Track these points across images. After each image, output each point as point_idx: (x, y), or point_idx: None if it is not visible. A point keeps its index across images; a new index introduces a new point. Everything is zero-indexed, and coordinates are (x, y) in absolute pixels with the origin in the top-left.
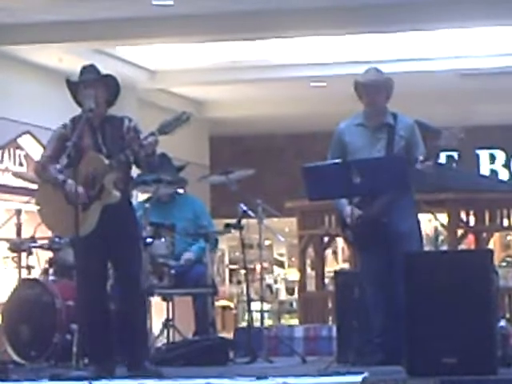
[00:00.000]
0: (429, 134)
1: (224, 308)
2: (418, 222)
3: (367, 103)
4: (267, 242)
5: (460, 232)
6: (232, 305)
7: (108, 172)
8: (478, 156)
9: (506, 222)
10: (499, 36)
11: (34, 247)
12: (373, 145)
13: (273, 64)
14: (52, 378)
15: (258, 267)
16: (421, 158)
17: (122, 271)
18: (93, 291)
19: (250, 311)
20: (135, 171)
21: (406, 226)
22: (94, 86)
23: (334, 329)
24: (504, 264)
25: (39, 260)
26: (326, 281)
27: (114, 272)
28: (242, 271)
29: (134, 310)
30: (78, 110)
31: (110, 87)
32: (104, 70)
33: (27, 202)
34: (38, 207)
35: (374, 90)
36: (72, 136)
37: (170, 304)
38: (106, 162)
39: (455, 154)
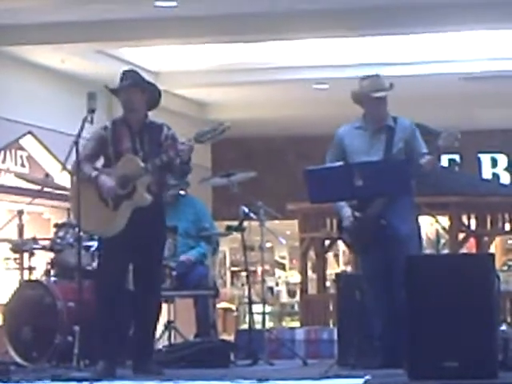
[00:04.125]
0: (429, 136)
1: (225, 310)
2: (418, 225)
3: (371, 113)
4: (268, 245)
5: (461, 236)
6: (233, 307)
7: (142, 175)
8: (479, 160)
9: (507, 226)
10: (501, 39)
11: (36, 248)
12: (371, 147)
13: (275, 66)
14: (53, 379)
15: (260, 269)
16: (423, 151)
17: (143, 274)
18: (112, 290)
19: (251, 313)
20: None
21: (406, 228)
22: (128, 92)
23: (335, 331)
24: (505, 268)
25: (42, 259)
26: (328, 283)
27: (135, 273)
28: (244, 273)
29: (152, 313)
30: (81, 111)
31: (147, 92)
32: (107, 72)
33: (29, 203)
34: (71, 204)
35: (382, 102)
36: (111, 138)
37: (172, 306)
38: (142, 164)
39: (457, 158)
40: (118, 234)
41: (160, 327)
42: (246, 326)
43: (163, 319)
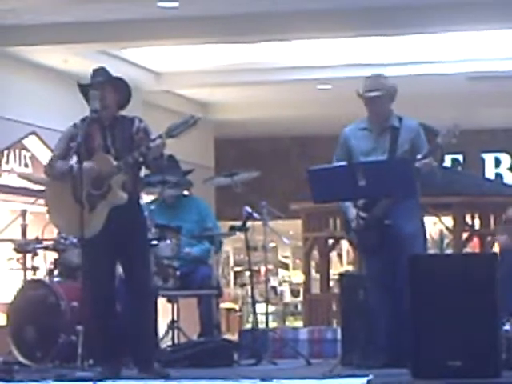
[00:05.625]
0: (430, 135)
1: (229, 310)
2: (423, 225)
3: (372, 113)
4: (272, 244)
5: (465, 235)
6: (237, 307)
7: (115, 173)
8: (483, 159)
9: None
10: (507, 39)
11: (39, 248)
12: (377, 148)
13: (279, 66)
14: (57, 379)
15: (263, 269)
16: (419, 156)
17: (131, 272)
18: (100, 292)
19: (254, 313)
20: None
21: (411, 228)
22: (101, 88)
23: (339, 331)
24: None
25: (46, 259)
26: (331, 283)
27: (123, 273)
28: (247, 273)
29: (144, 310)
30: (83, 111)
31: (119, 90)
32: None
33: (32, 203)
34: (47, 207)
35: (378, 102)
36: (82, 136)
37: (175, 306)
38: (114, 163)
39: (460, 158)
40: (97, 236)
41: (163, 327)
42: (249, 326)
43: (167, 319)
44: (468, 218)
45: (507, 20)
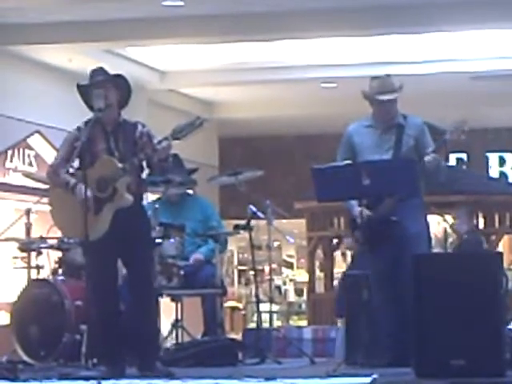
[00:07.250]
0: (437, 135)
1: (233, 309)
2: (427, 224)
3: (379, 114)
4: (276, 244)
5: None
6: (241, 306)
7: (121, 175)
8: (487, 158)
9: None
10: (510, 39)
11: (44, 247)
12: (381, 145)
13: (283, 65)
14: (61, 378)
15: (267, 268)
16: (429, 149)
17: (135, 273)
18: (105, 293)
19: (258, 312)
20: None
21: (416, 227)
22: (103, 87)
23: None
24: None
25: (50, 258)
26: (335, 282)
27: (128, 273)
28: (251, 272)
29: (147, 310)
30: (87, 111)
31: (120, 87)
32: (114, 71)
33: (37, 202)
34: (51, 209)
35: (388, 104)
36: (85, 140)
37: (179, 305)
38: (120, 165)
39: (465, 157)
40: (103, 237)
41: (168, 326)
42: (253, 325)
43: (171, 318)
44: None
45: (511, 19)
